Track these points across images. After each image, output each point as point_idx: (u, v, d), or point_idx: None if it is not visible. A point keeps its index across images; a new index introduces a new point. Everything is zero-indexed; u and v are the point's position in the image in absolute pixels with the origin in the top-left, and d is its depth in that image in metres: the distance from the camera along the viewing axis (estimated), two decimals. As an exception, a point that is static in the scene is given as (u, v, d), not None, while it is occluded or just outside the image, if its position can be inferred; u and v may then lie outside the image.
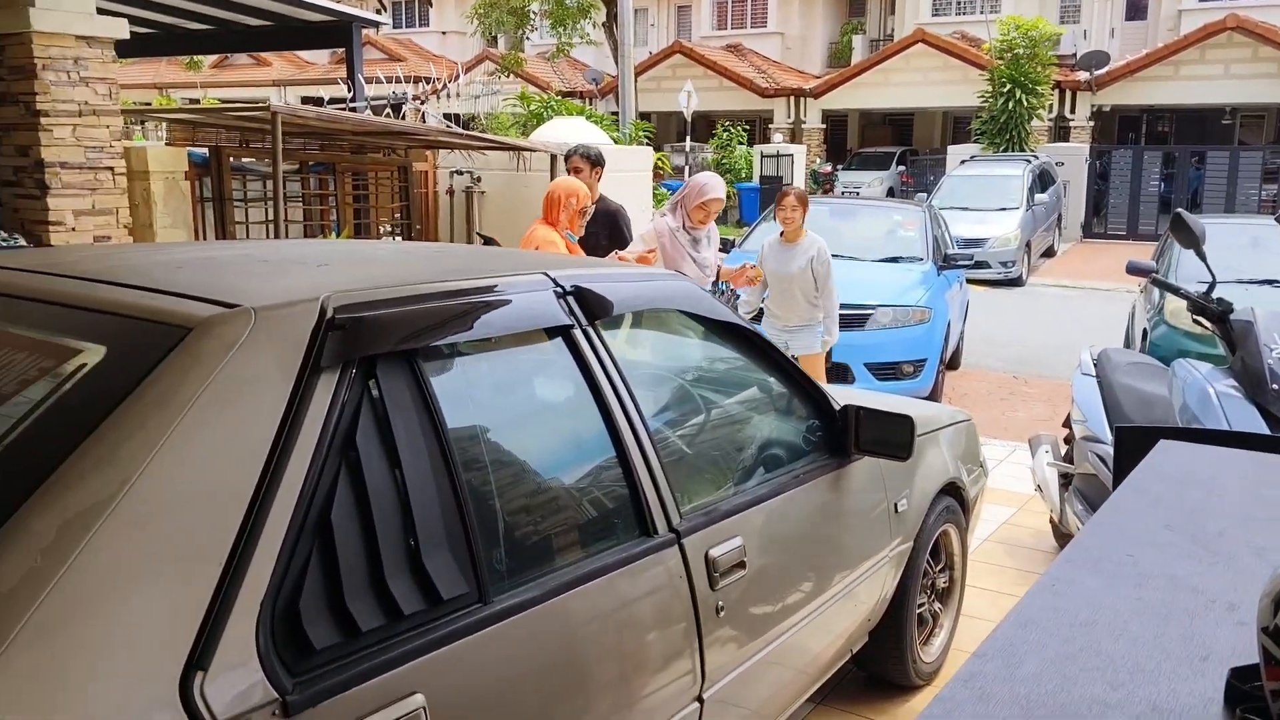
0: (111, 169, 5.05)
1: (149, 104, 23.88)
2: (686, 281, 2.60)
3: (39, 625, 1.19)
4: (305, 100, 26.75)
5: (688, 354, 2.93)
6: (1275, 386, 3.20)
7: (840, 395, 2.97)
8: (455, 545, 1.66)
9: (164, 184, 5.79)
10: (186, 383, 1.45)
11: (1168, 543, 1.38)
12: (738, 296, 5.66)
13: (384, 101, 7.29)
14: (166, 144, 6.47)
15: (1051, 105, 22.29)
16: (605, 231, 5.37)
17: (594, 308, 2.13)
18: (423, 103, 9.80)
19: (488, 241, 5.04)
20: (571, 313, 2.08)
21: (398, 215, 7.27)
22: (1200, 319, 3.71)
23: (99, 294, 1.68)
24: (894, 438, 2.72)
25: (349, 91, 7.32)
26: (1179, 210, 3.78)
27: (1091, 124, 23.03)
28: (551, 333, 2.06)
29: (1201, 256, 3.57)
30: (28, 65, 4.74)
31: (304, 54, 31.37)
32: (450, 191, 7.65)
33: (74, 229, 4.91)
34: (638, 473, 2.06)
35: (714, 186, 5.10)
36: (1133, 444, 2.54)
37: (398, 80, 8.16)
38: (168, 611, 1.31)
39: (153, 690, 1.26)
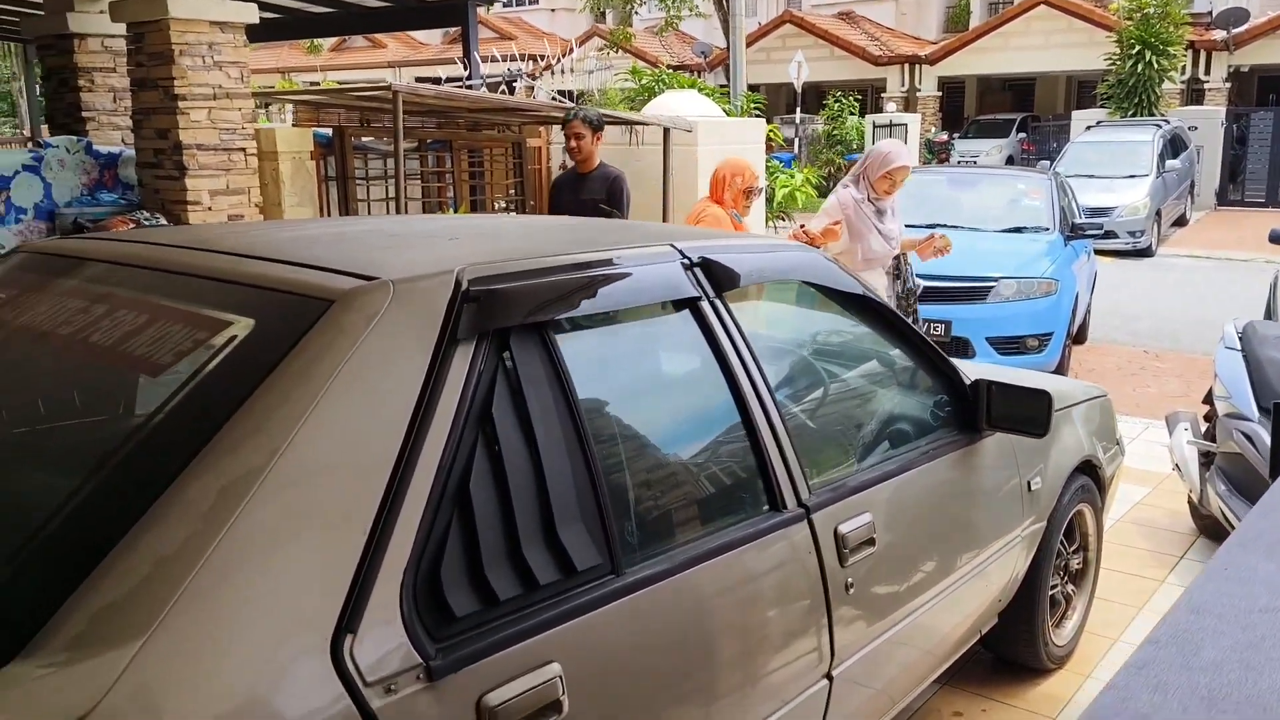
0: (244, 150, 5.23)
1: (273, 87, 24.74)
2: (812, 252, 2.54)
3: (199, 588, 1.24)
4: (420, 79, 27.32)
5: (814, 326, 2.88)
6: None
7: (971, 371, 2.87)
8: (588, 517, 1.66)
9: (291, 163, 5.97)
10: (330, 354, 1.48)
11: (1353, 527, 1.28)
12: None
13: (499, 79, 7.36)
14: (293, 125, 6.67)
15: (1184, 67, 21.13)
16: (604, 198, 5.20)
17: (721, 279, 2.10)
18: (535, 78, 9.89)
19: (610, 214, 5.02)
20: (699, 284, 2.06)
21: (512, 191, 7.35)
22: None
23: (245, 268, 1.73)
24: (1029, 413, 2.61)
25: (465, 70, 7.42)
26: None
27: (1228, 86, 21.74)
28: (679, 305, 2.04)
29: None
30: (166, 51, 4.94)
31: (418, 35, 32.00)
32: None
33: (210, 208, 5.11)
34: (766, 447, 2.03)
35: (898, 154, 4.84)
36: (1293, 421, 2.39)
37: (511, 58, 8.23)
38: (317, 576, 1.34)
39: (306, 652, 1.30)
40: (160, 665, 1.18)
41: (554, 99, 8.41)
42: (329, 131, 6.38)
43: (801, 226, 4.70)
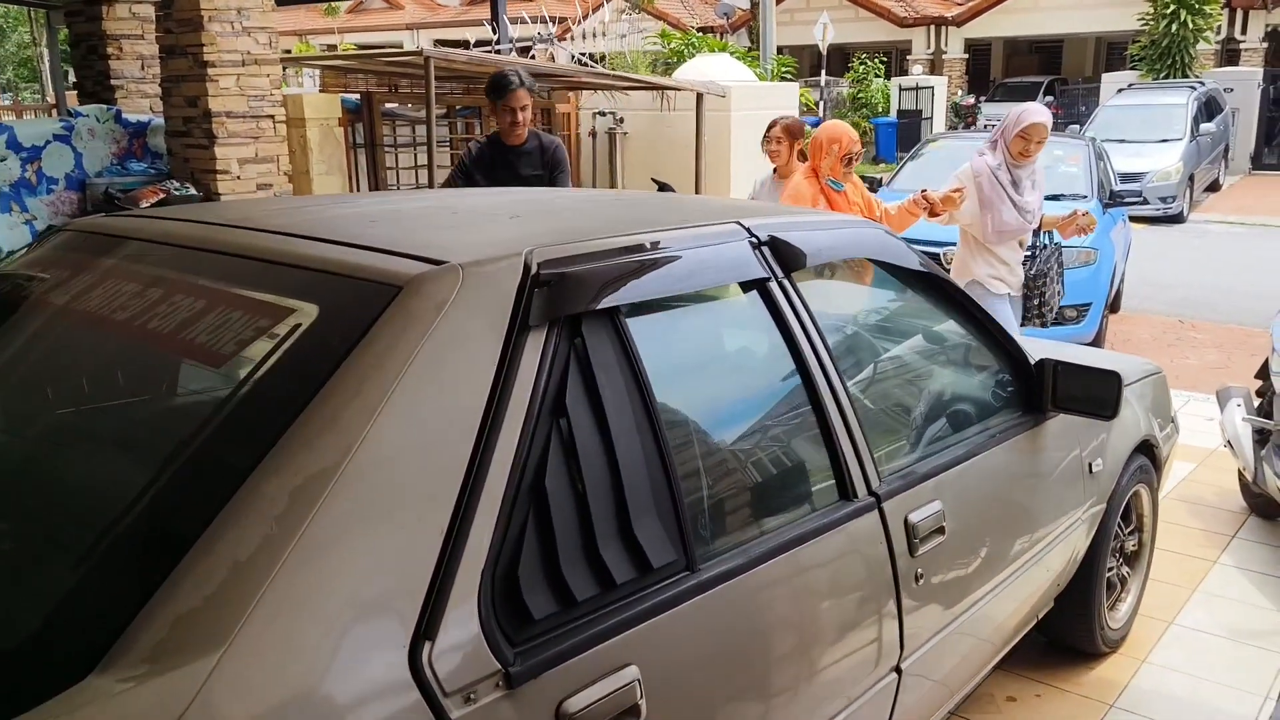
0: (272, 117, 5.15)
1: (289, 50, 24.58)
2: (879, 229, 2.45)
3: (275, 595, 1.18)
4: (439, 42, 27.08)
5: (881, 305, 2.79)
6: None
7: (1035, 348, 2.78)
8: (663, 511, 1.59)
9: (319, 130, 5.89)
10: (401, 344, 1.40)
11: None
12: (1060, 250, 4.97)
13: (529, 41, 7.23)
14: (320, 91, 6.58)
15: (1220, 26, 20.66)
16: (544, 173, 4.55)
17: (788, 259, 2.02)
18: (558, 41, 9.72)
19: (663, 188, 4.89)
20: (767, 264, 1.97)
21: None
22: None
23: (305, 250, 1.66)
24: (1099, 395, 2.52)
25: (494, 33, 7.29)
26: None
27: (1265, 46, 21.27)
28: (747, 286, 1.96)
29: None
30: (195, 17, 4.85)
31: (436, -3, 31.67)
32: (593, 133, 7.58)
33: (239, 177, 5.03)
34: (837, 434, 1.96)
35: (1034, 111, 4.57)
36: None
37: (541, 20, 8.08)
38: (394, 580, 1.28)
39: (384, 661, 1.24)
40: (240, 677, 1.12)
41: (581, 63, 8.27)
42: (357, 97, 6.29)
43: (923, 192, 4.50)
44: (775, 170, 5.10)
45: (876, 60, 22.90)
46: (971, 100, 24.46)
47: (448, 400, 1.41)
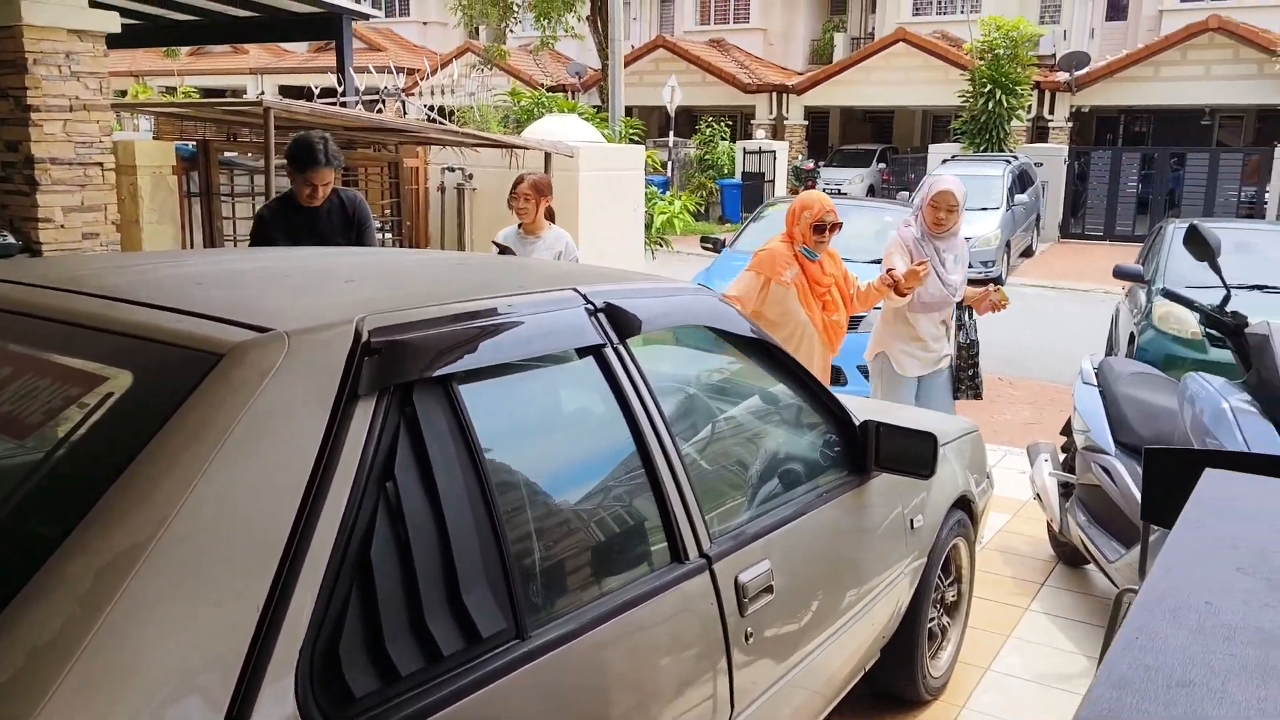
0: (101, 164, 4.92)
1: (125, 92, 23.55)
2: (711, 296, 2.54)
3: (79, 677, 1.12)
4: (284, 88, 26.49)
5: (712, 370, 2.88)
6: (1292, 404, 3.18)
7: (857, 408, 2.92)
8: (494, 579, 1.60)
9: (151, 179, 5.66)
10: (220, 414, 1.37)
11: (1245, 589, 1.34)
12: (973, 323, 4.96)
13: (376, 96, 7.18)
14: (153, 138, 6.33)
15: (1031, 106, 22.39)
16: (348, 230, 4.30)
17: (624, 325, 2.07)
18: (406, 94, 9.67)
19: (504, 251, 4.90)
20: (603, 330, 2.02)
21: (388, 211, 7.17)
22: (1212, 331, 3.70)
23: (121, 314, 1.60)
24: (916, 455, 2.68)
25: (339, 85, 7.21)
26: (1193, 222, 3.76)
27: (1070, 125, 23.16)
28: (583, 352, 2.00)
29: (1216, 269, 3.55)
30: (19, 59, 4.60)
31: (283, 43, 30.99)
32: (441, 188, 7.56)
33: (63, 225, 4.78)
34: (669, 498, 2.01)
35: (942, 180, 4.61)
36: (1161, 466, 2.52)
37: (388, 71, 8.04)
38: (207, 659, 1.24)
39: (194, 747, 1.19)
40: (32, 772, 1.06)
41: (429, 118, 8.26)
42: (193, 145, 6.09)
43: (889, 271, 4.46)
44: (521, 226, 5.14)
45: (722, 123, 23.72)
46: (811, 165, 25.61)
47: (269, 472, 1.39)
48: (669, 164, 22.20)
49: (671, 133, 23.01)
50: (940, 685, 3.44)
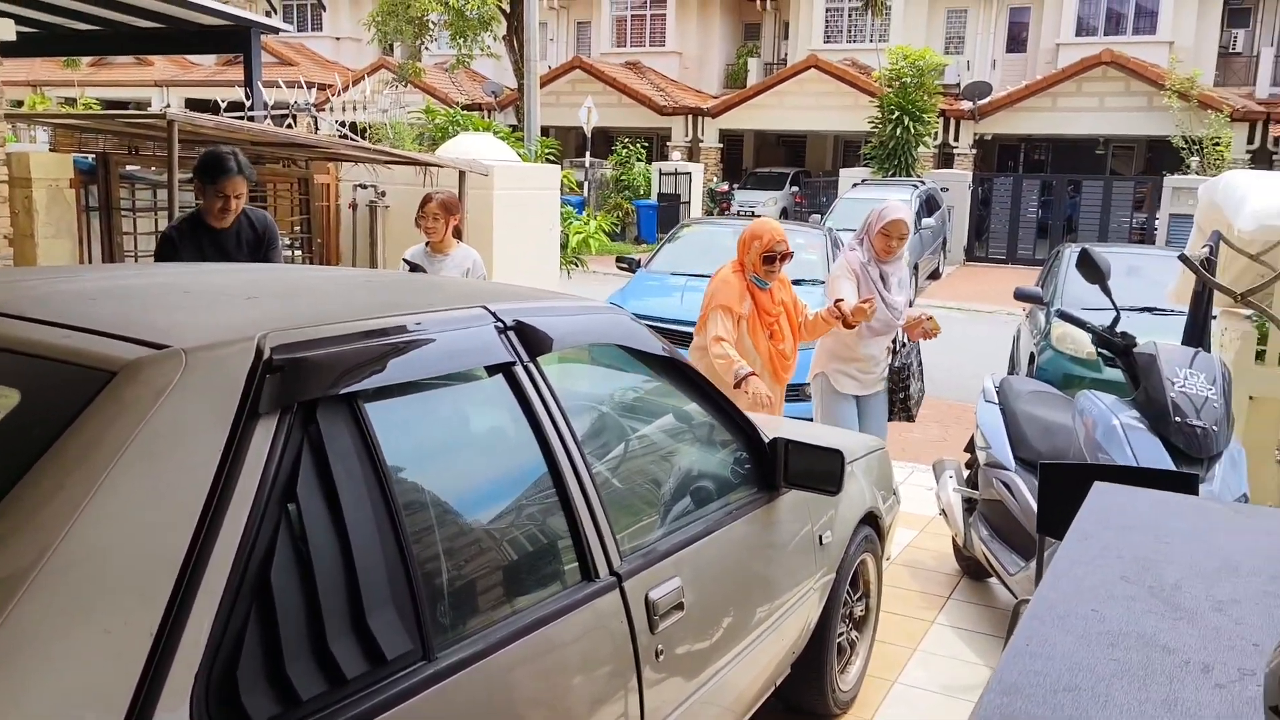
0: (-10, 176, 4.73)
1: (21, 103, 22.67)
2: (623, 315, 2.55)
3: (-48, 712, 1.07)
4: (190, 102, 25.82)
5: (623, 389, 2.89)
6: (1177, 419, 3.33)
7: (769, 426, 2.97)
8: (400, 600, 1.58)
9: (47, 192, 5.45)
10: (112, 434, 1.33)
11: (1128, 596, 1.40)
12: (918, 347, 5.02)
13: (285, 111, 7.05)
14: (50, 149, 6.11)
15: (936, 133, 23.09)
16: (258, 250, 4.19)
17: (535, 343, 2.07)
18: (319, 109, 9.53)
19: (414, 269, 4.84)
20: (513, 349, 2.02)
21: (298, 229, 7.03)
22: (1104, 351, 3.85)
23: (9, 330, 1.54)
24: (823, 471, 2.73)
25: (247, 99, 7.06)
26: (1085, 247, 3.92)
27: (974, 152, 23.94)
28: (492, 370, 1.99)
29: (1106, 291, 3.71)
30: (-101, 64, 4.41)
31: (190, 55, 30.23)
32: (353, 205, 7.44)
33: (-52, 239, 4.57)
34: (580, 516, 2.01)
35: (894, 208, 4.63)
36: (1055, 481, 2.61)
37: (298, 85, 7.91)
38: (96, 688, 1.20)
39: (80, 778, 1.15)
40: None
41: (341, 134, 8.15)
42: (92, 158, 5.89)
43: (837, 303, 4.45)
44: (429, 244, 5.10)
45: (639, 145, 23.90)
46: (726, 187, 25.95)
47: (164, 493, 1.35)
48: (585, 184, 22.26)
49: (588, 153, 23.08)
50: (849, 699, 3.49)
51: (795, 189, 26.33)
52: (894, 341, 4.91)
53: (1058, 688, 1.15)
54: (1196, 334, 4.46)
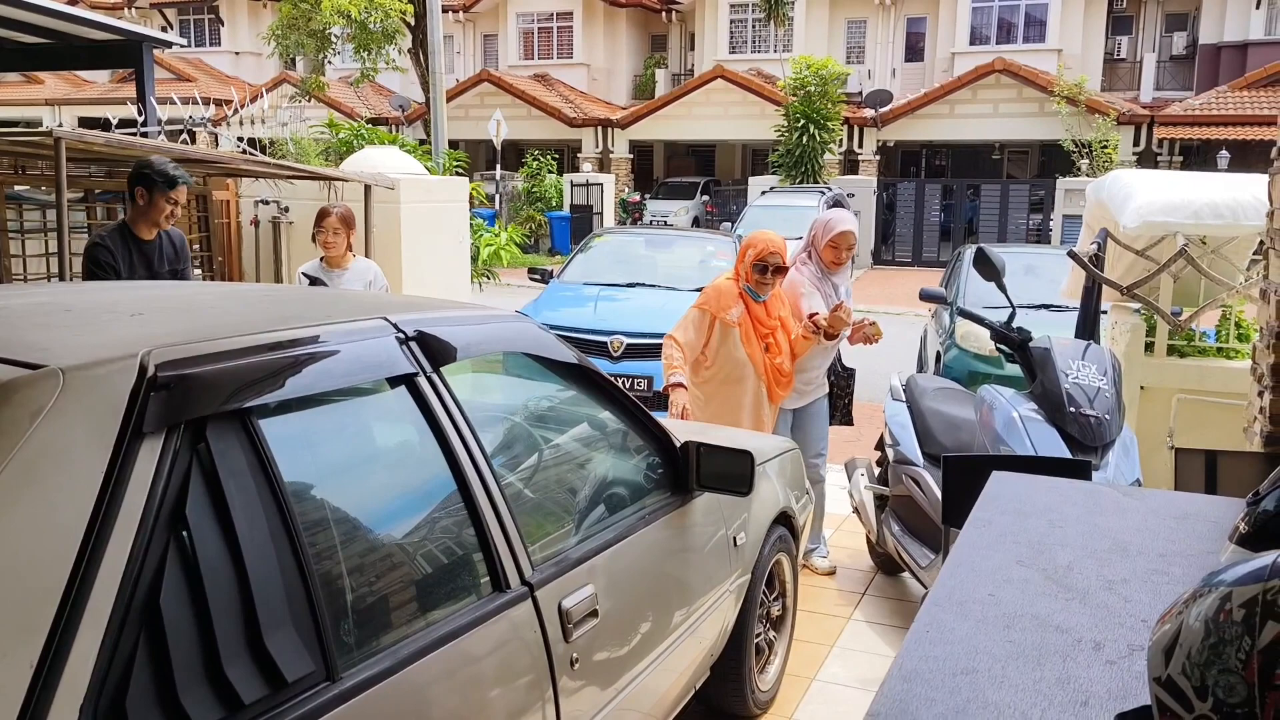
0: None
1: (-104, 121, 21.61)
2: (531, 324, 2.54)
3: None
4: (84, 120, 24.91)
5: (532, 397, 2.87)
6: (1072, 410, 3.45)
7: (680, 430, 2.97)
8: (300, 620, 1.53)
9: (-76, 214, 5.20)
10: (-15, 458, 1.27)
11: (1023, 579, 1.44)
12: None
13: (179, 126, 6.85)
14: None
15: (841, 140, 23.60)
16: (179, 264, 4.42)
17: (438, 354, 2.04)
18: (216, 125, 9.28)
19: (314, 282, 4.74)
20: (415, 359, 1.98)
21: (196, 247, 6.83)
22: (1002, 346, 3.96)
23: None
24: (735, 473, 2.74)
25: (139, 115, 6.84)
26: (981, 245, 4.04)
27: (878, 158, 24.52)
28: (394, 382, 1.96)
29: (1002, 288, 3.82)
30: None
31: (83, 72, 29.19)
32: (255, 222, 7.26)
33: None
34: (489, 526, 1.98)
35: (841, 220, 4.56)
36: (958, 473, 2.67)
37: (193, 102, 7.69)
38: (-31, 727, 1.14)
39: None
40: None
41: (241, 149, 7.95)
42: (-28, 178, 5.63)
43: (811, 317, 4.39)
44: (325, 259, 5.03)
45: (549, 157, 23.87)
46: (638, 197, 26.08)
47: (43, 518, 1.29)
48: (497, 197, 22.14)
49: (498, 166, 22.96)
50: (769, 698, 3.51)
51: (706, 198, 26.62)
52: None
53: (955, 671, 1.17)
54: (1088, 327, 4.63)
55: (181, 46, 12.33)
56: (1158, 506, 1.81)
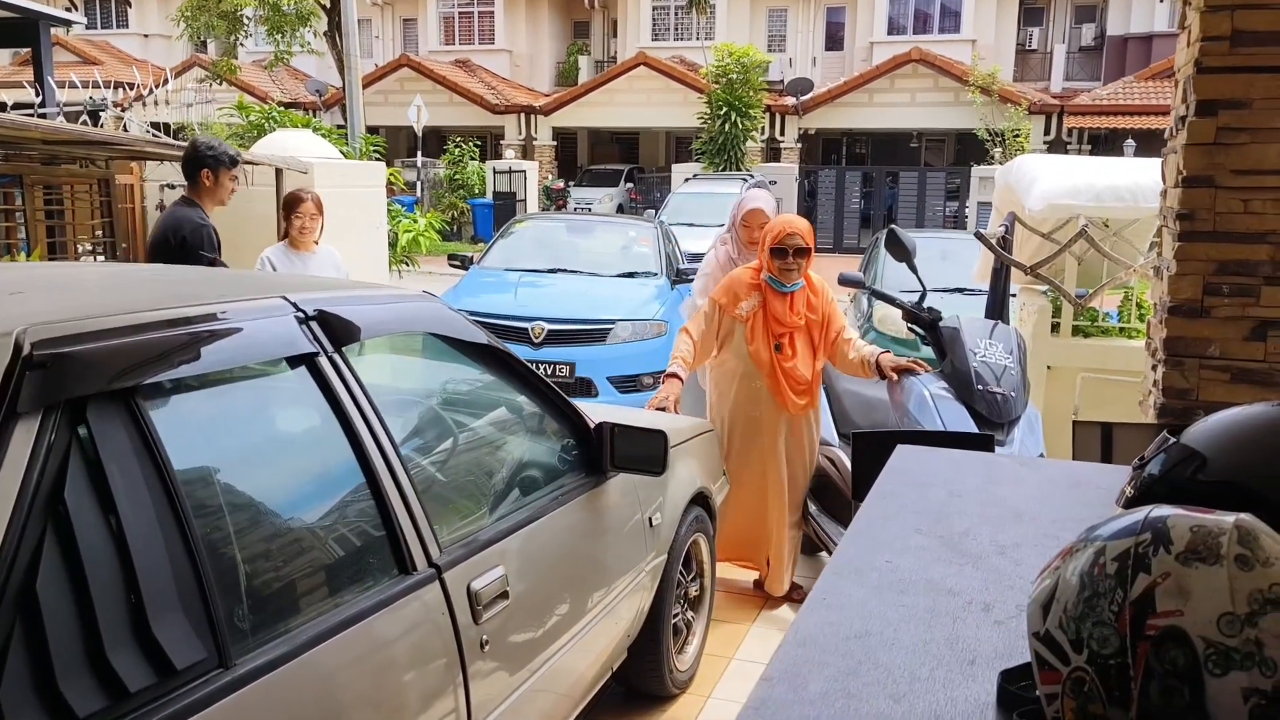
0: None
1: None
2: (438, 304, 2.49)
3: None
4: (-22, 103, 23.85)
5: (440, 377, 2.83)
6: (980, 387, 3.53)
7: (595, 412, 2.96)
8: (189, 607, 1.48)
9: None
10: None
11: (920, 547, 1.46)
12: None
13: (80, 108, 6.59)
14: None
15: (763, 128, 23.79)
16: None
17: (340, 333, 2.00)
18: (124, 109, 8.97)
19: (213, 262, 4.60)
20: (315, 339, 1.93)
21: (99, 233, 6.59)
22: (914, 326, 4.03)
23: None
24: (647, 453, 2.74)
25: (37, 96, 6.56)
26: (892, 226, 4.10)
27: (799, 145, 24.77)
28: (294, 361, 1.91)
29: (913, 269, 3.89)
30: None
31: (-24, 52, 27.95)
32: (161, 207, 7.02)
33: None
34: (393, 508, 1.95)
35: (753, 198, 4.42)
36: (867, 448, 2.71)
37: (95, 85, 7.41)
38: None
39: None
40: None
41: (150, 133, 7.69)
42: None
43: (881, 354, 3.95)
44: (289, 241, 4.85)
45: (472, 144, 23.59)
46: (561, 184, 25.95)
47: (-96, 503, 1.22)
48: (418, 184, 21.82)
49: (419, 153, 22.62)
50: (688, 678, 3.53)
51: (630, 185, 26.60)
52: None
53: (849, 635, 1.18)
54: (996, 308, 4.74)
55: (84, 26, 11.87)
56: (1053, 475, 1.86)
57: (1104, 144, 22.76)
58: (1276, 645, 0.82)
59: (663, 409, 3.84)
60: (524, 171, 23.14)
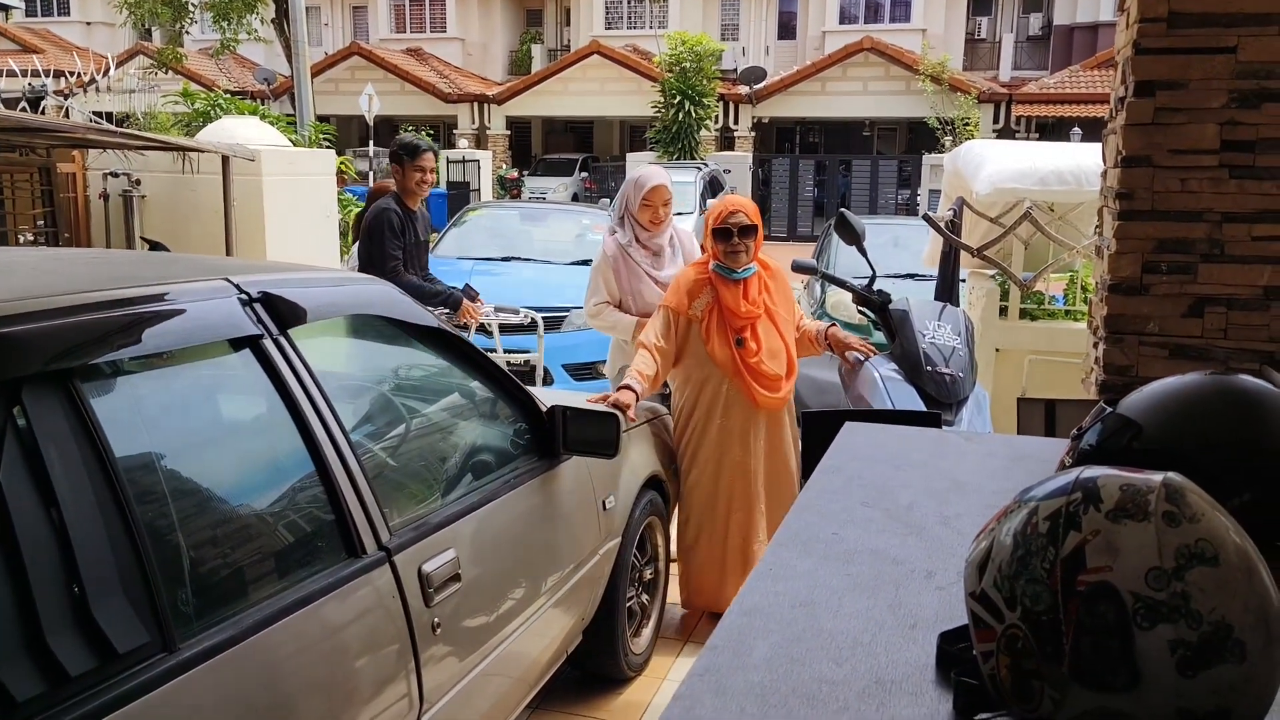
0: None
1: None
2: (386, 286, 2.47)
3: None
4: (-88, 91, 23.19)
5: (390, 361, 2.81)
6: (929, 368, 3.57)
7: (547, 397, 2.96)
8: (131, 591, 1.46)
9: None
10: None
11: (866, 519, 1.48)
12: None
13: (19, 94, 6.42)
14: None
15: (717, 116, 23.85)
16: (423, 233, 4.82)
17: (285, 316, 1.97)
18: (66, 97, 8.77)
19: (155, 247, 4.52)
20: (260, 321, 1.91)
21: (41, 223, 6.44)
22: (864, 309, 4.07)
23: None
24: (600, 436, 2.75)
25: (-31, 81, 6.39)
26: (842, 210, 4.13)
27: (753, 134, 24.87)
28: (237, 344, 1.88)
29: (863, 252, 3.92)
30: None
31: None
32: (104, 196, 6.88)
33: None
34: (342, 490, 1.93)
35: (651, 175, 4.03)
36: (817, 428, 2.73)
37: (34, 73, 7.23)
38: None
39: None
40: None
41: (92, 121, 7.53)
42: None
43: (830, 329, 3.80)
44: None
45: (424, 133, 23.38)
46: (516, 174, 25.81)
47: None
48: (370, 173, 21.57)
49: (371, 142, 22.36)
50: (643, 661, 3.54)
51: (585, 174, 26.53)
52: None
53: (794, 604, 1.19)
54: (945, 290, 4.80)
55: (23, 14, 11.57)
56: (996, 449, 1.89)
57: (1051, 132, 23.12)
58: (1202, 598, 0.84)
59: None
60: (478, 161, 22.98)
